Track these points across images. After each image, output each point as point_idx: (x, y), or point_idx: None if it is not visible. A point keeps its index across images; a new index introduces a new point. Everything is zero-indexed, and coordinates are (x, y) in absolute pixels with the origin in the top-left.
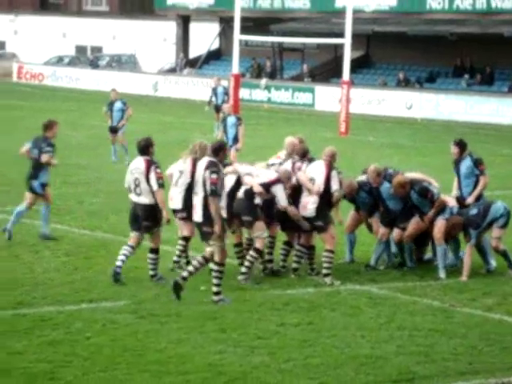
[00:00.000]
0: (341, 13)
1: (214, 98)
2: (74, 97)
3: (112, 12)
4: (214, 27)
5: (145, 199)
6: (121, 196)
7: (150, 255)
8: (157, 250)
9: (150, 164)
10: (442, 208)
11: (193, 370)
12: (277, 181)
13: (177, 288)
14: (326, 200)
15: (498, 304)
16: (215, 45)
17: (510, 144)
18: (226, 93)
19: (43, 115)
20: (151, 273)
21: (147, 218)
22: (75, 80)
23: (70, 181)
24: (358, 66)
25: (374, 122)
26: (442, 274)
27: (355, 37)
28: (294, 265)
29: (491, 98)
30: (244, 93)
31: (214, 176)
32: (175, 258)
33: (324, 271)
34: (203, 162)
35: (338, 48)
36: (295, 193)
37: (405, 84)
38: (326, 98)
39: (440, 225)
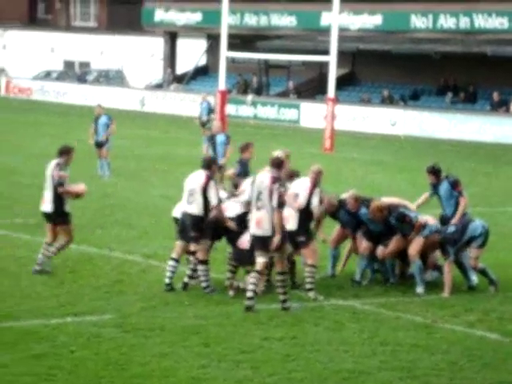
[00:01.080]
0: (326, 31)
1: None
2: (61, 111)
3: (100, 28)
4: (202, 43)
5: (194, 209)
6: (107, 210)
7: (200, 267)
8: (205, 261)
9: (209, 179)
10: (422, 226)
11: None
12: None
13: (249, 310)
14: (307, 215)
15: (480, 320)
16: (202, 61)
17: (492, 162)
18: (210, 108)
19: (30, 129)
20: (204, 284)
21: (194, 228)
22: (63, 94)
23: None
24: (343, 83)
25: (359, 138)
26: (419, 289)
27: (340, 54)
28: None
29: (474, 116)
30: (230, 109)
31: (282, 189)
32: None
33: (307, 286)
34: (266, 177)
35: (324, 65)
36: None
37: (389, 102)
38: (312, 114)
39: (417, 242)
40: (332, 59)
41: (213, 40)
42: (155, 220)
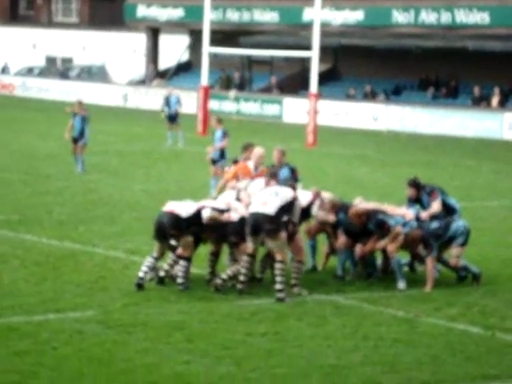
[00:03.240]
0: (308, 26)
1: (166, 108)
2: (43, 107)
3: (82, 23)
4: (184, 39)
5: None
6: (89, 206)
7: (182, 262)
8: (188, 258)
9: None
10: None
11: (160, 380)
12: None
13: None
14: (303, 214)
15: (462, 314)
16: (185, 57)
17: (473, 156)
18: (179, 102)
19: (13, 126)
20: (179, 280)
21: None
22: (45, 91)
23: (38, 190)
24: (325, 78)
25: (341, 133)
26: (401, 284)
27: (323, 50)
28: (259, 275)
29: (455, 111)
30: (213, 104)
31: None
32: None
33: (292, 281)
34: (288, 190)
35: (306, 61)
36: None
37: (371, 97)
38: (294, 109)
39: (396, 239)
40: (314, 54)
41: (195, 36)
42: (138, 215)
